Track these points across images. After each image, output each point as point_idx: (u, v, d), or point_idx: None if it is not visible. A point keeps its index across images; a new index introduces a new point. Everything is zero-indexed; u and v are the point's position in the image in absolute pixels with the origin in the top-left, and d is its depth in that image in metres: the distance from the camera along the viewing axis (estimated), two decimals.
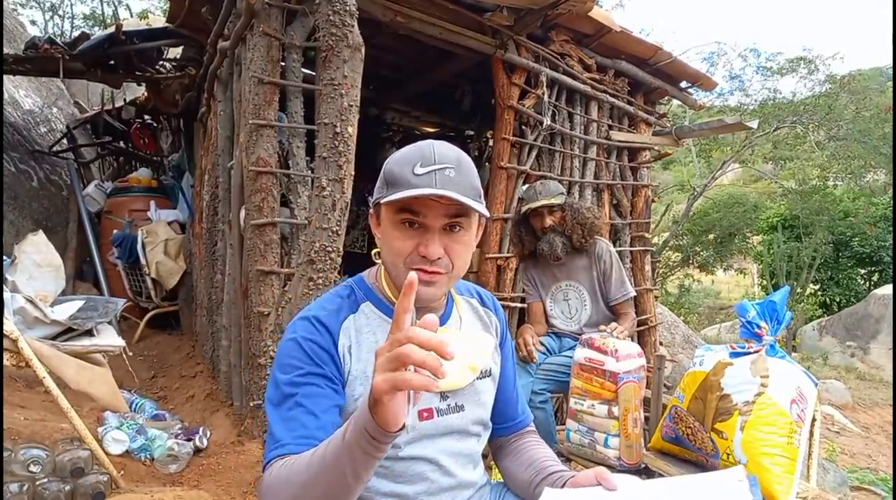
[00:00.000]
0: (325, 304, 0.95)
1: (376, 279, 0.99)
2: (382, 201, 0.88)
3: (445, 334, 0.97)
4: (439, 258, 0.87)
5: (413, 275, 0.64)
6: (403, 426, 0.65)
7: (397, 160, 0.88)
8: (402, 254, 0.87)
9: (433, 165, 0.84)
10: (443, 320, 0.99)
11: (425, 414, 0.93)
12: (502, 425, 1.11)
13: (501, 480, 1.11)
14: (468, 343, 0.99)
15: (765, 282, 11.12)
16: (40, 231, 2.29)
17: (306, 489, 0.71)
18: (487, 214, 0.90)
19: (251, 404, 2.30)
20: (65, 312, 2.11)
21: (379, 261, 1.00)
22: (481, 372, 0.99)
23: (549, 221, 2.35)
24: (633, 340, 2.77)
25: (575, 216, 2.32)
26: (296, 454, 0.77)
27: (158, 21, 4.48)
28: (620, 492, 0.78)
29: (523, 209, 2.45)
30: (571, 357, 2.05)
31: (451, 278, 0.91)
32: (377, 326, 0.94)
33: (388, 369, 0.60)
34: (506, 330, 1.13)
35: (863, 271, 10.75)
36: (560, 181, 3.03)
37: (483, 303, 1.11)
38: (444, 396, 0.95)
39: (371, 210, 0.96)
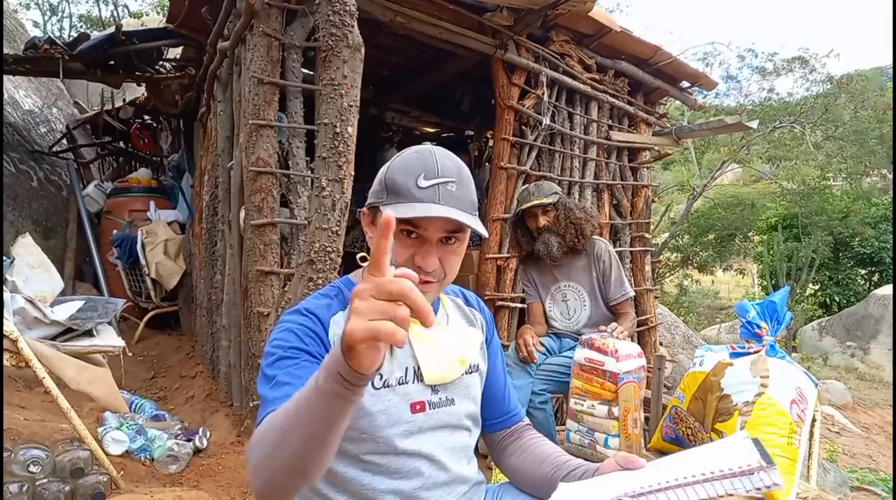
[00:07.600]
0: (314, 300, 0.96)
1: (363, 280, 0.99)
2: (382, 209, 0.88)
3: (435, 328, 0.98)
4: (434, 269, 0.89)
5: (390, 212, 0.61)
6: (380, 367, 0.62)
7: (399, 168, 0.89)
8: (396, 262, 0.88)
9: (436, 177, 0.86)
10: None
11: (418, 407, 0.94)
12: (498, 419, 1.11)
13: (499, 482, 1.10)
14: (456, 337, 1.02)
15: (765, 282, 11.11)
16: (27, 234, 2.30)
17: (283, 440, 0.68)
18: (486, 235, 0.92)
19: (251, 405, 2.30)
20: (64, 312, 2.11)
21: (364, 264, 1.00)
22: (469, 367, 1.01)
23: (542, 221, 2.35)
24: (632, 340, 2.77)
25: (567, 215, 2.32)
26: None
27: (153, 21, 4.48)
28: (640, 472, 0.80)
29: (517, 210, 2.45)
30: (571, 358, 2.05)
31: (441, 286, 0.94)
32: None
33: (371, 318, 0.57)
34: (492, 328, 1.14)
35: (863, 272, 10.74)
36: (560, 182, 3.03)
37: (468, 302, 1.13)
38: (434, 389, 0.96)
39: (365, 209, 0.96)
